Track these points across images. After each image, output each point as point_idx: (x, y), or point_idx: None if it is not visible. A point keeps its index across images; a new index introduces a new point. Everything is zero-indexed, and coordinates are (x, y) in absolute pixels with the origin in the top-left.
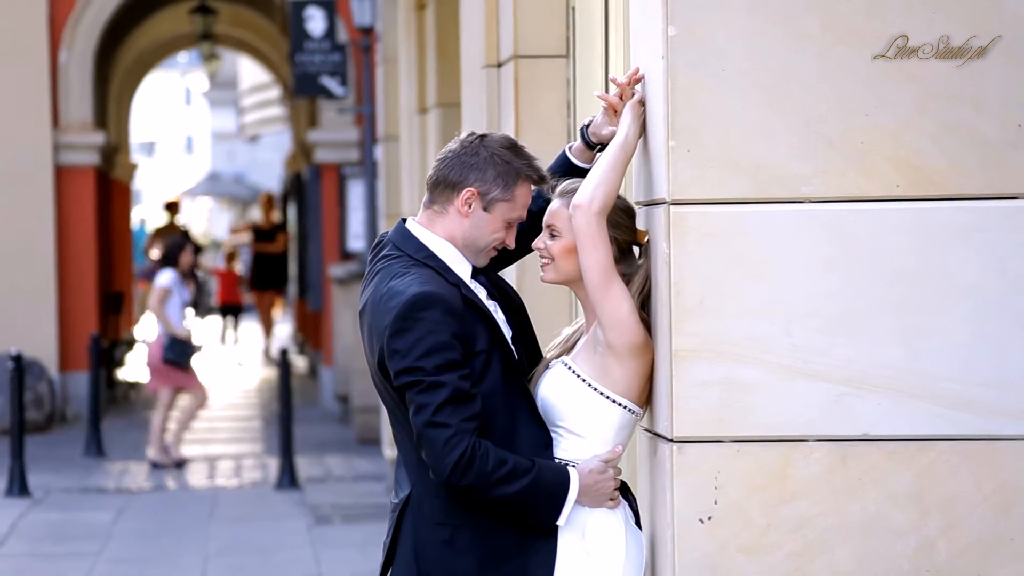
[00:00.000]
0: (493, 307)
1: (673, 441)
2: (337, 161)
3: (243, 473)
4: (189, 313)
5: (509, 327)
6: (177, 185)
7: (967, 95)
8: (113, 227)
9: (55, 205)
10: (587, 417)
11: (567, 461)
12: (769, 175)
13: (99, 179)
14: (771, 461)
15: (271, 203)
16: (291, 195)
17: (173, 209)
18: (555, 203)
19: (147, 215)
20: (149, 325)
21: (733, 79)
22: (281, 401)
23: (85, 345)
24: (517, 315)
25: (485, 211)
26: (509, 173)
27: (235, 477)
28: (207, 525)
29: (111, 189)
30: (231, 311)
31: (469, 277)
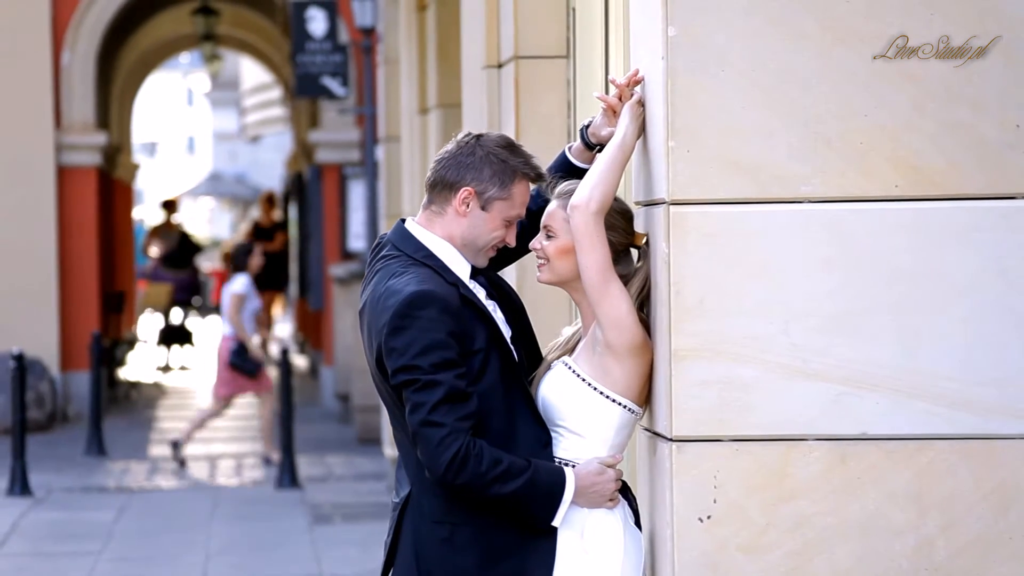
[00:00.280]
0: (492, 307)
1: (672, 440)
2: (338, 161)
3: (244, 472)
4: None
5: (508, 327)
6: (179, 185)
7: (966, 95)
8: (115, 227)
9: (57, 205)
10: (587, 416)
11: (567, 461)
12: (769, 175)
13: (101, 179)
14: (770, 460)
15: (271, 202)
16: (292, 195)
17: (170, 208)
18: (552, 204)
19: (144, 214)
20: (219, 328)
21: (733, 80)
22: (282, 400)
23: (86, 344)
24: (517, 315)
25: (483, 210)
26: (505, 172)
27: (236, 476)
28: (208, 524)
29: (113, 189)
30: None
31: (468, 277)
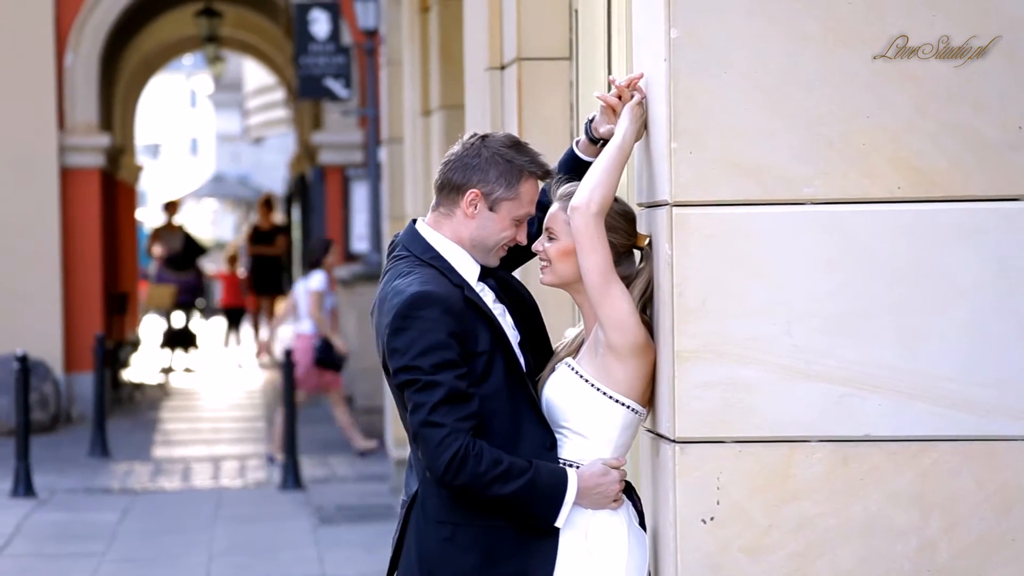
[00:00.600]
0: (500, 311)
1: (675, 442)
2: (341, 163)
3: (247, 473)
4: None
5: (518, 331)
6: (182, 187)
7: (968, 96)
8: (118, 228)
9: (60, 206)
10: (591, 417)
11: (572, 462)
12: (771, 177)
13: (104, 181)
14: (773, 461)
15: (269, 204)
16: (295, 197)
17: (172, 209)
18: (554, 206)
19: (145, 215)
20: (297, 326)
21: (735, 81)
22: (285, 402)
23: (90, 346)
24: (529, 316)
25: (491, 211)
26: (512, 171)
27: (239, 477)
28: (212, 525)
29: (116, 191)
30: (234, 314)
31: (476, 279)
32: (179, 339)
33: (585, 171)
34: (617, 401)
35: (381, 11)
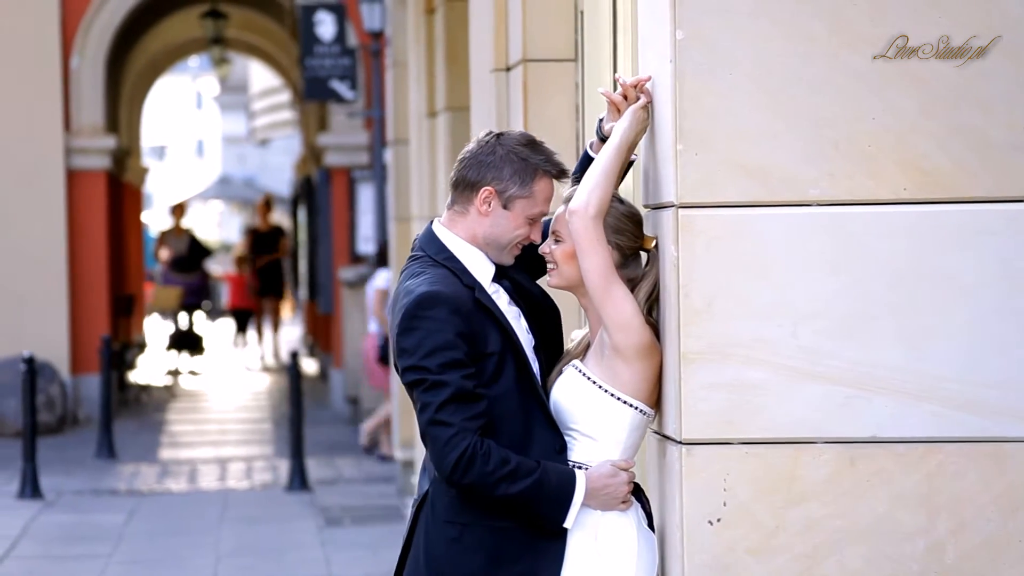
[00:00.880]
0: (515, 314)
1: (682, 443)
2: (347, 165)
3: (254, 475)
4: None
5: (533, 334)
6: (188, 189)
7: (972, 98)
8: (124, 230)
9: (67, 208)
10: (599, 419)
11: (581, 464)
12: (777, 178)
13: (110, 183)
14: (780, 463)
15: (268, 205)
16: (301, 198)
17: (178, 213)
18: (560, 208)
19: (151, 218)
20: (367, 326)
21: (740, 83)
22: (291, 403)
23: (96, 348)
24: (545, 320)
25: (505, 209)
26: (526, 170)
27: (246, 479)
28: (218, 527)
29: (122, 192)
30: (242, 316)
31: (490, 279)
32: (185, 341)
33: None
34: (625, 402)
35: (387, 13)
